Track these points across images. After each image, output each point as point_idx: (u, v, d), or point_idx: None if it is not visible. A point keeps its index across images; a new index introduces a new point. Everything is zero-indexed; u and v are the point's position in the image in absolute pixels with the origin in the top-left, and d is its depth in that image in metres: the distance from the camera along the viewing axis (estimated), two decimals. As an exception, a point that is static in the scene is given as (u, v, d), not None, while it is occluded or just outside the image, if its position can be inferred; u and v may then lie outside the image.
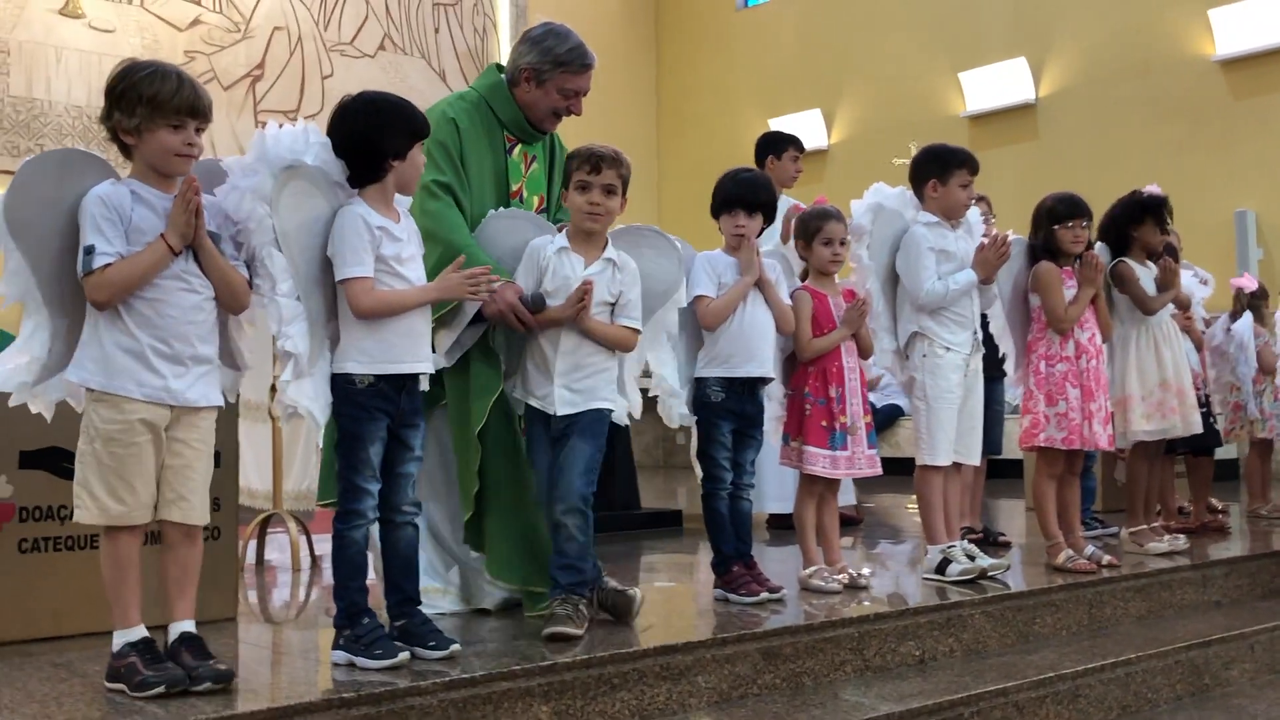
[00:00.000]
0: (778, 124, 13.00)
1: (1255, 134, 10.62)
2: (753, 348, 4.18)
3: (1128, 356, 5.22)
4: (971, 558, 4.51)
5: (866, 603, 4.17)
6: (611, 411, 3.75)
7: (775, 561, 5.01)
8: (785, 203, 6.42)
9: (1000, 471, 10.21)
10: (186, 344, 3.00)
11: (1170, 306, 5.43)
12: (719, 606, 4.11)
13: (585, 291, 3.62)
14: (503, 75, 4.17)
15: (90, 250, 2.89)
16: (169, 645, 2.99)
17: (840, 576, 4.33)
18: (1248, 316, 6.48)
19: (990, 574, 4.50)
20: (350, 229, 3.22)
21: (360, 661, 3.13)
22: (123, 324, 2.94)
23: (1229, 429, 6.65)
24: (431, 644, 3.24)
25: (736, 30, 14.78)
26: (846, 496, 6.70)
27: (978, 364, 4.68)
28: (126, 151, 3.07)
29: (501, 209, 3.97)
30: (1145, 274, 5.31)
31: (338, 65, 12.97)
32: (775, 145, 6.78)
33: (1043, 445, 4.84)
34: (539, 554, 3.78)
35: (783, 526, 6.10)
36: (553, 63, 4.02)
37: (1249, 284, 5.23)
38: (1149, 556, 5.15)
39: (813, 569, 4.36)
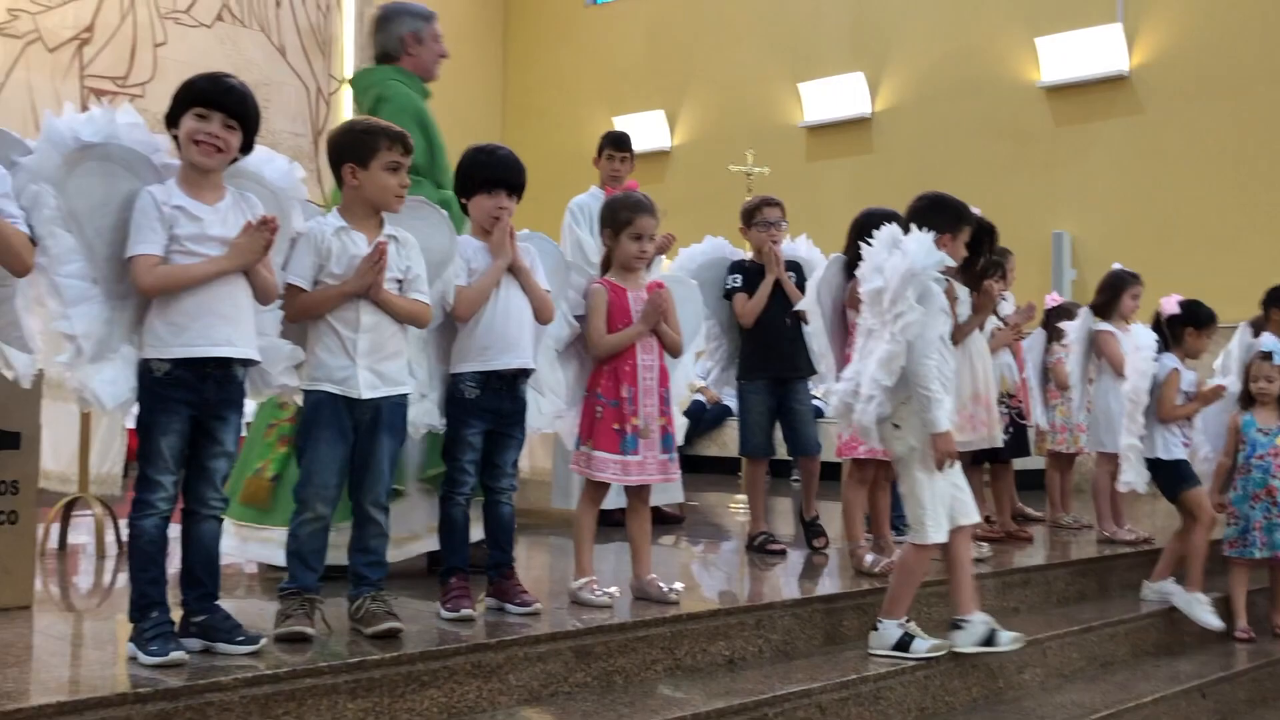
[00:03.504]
0: (621, 122, 13.07)
1: (1074, 159, 11.11)
2: (511, 338, 3.84)
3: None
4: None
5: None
6: (408, 398, 3.61)
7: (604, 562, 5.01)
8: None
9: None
10: None
11: (994, 321, 5.64)
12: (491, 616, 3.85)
13: (382, 252, 3.43)
14: (384, 64, 4.77)
15: None
16: None
17: (613, 590, 4.08)
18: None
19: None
20: (139, 208, 3.12)
21: (140, 656, 3.03)
22: None
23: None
24: (238, 639, 3.16)
25: (585, 26, 14.80)
26: (673, 494, 6.76)
27: None
28: None
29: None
30: (964, 295, 5.49)
31: (172, 34, 12.53)
32: (601, 145, 6.66)
33: (864, 457, 4.96)
34: None
35: (611, 523, 6.06)
36: (424, 18, 4.81)
37: (1170, 306, 5.44)
38: (954, 563, 5.34)
39: (584, 580, 4.08)
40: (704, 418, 11.61)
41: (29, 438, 3.83)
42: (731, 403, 11.20)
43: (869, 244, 4.87)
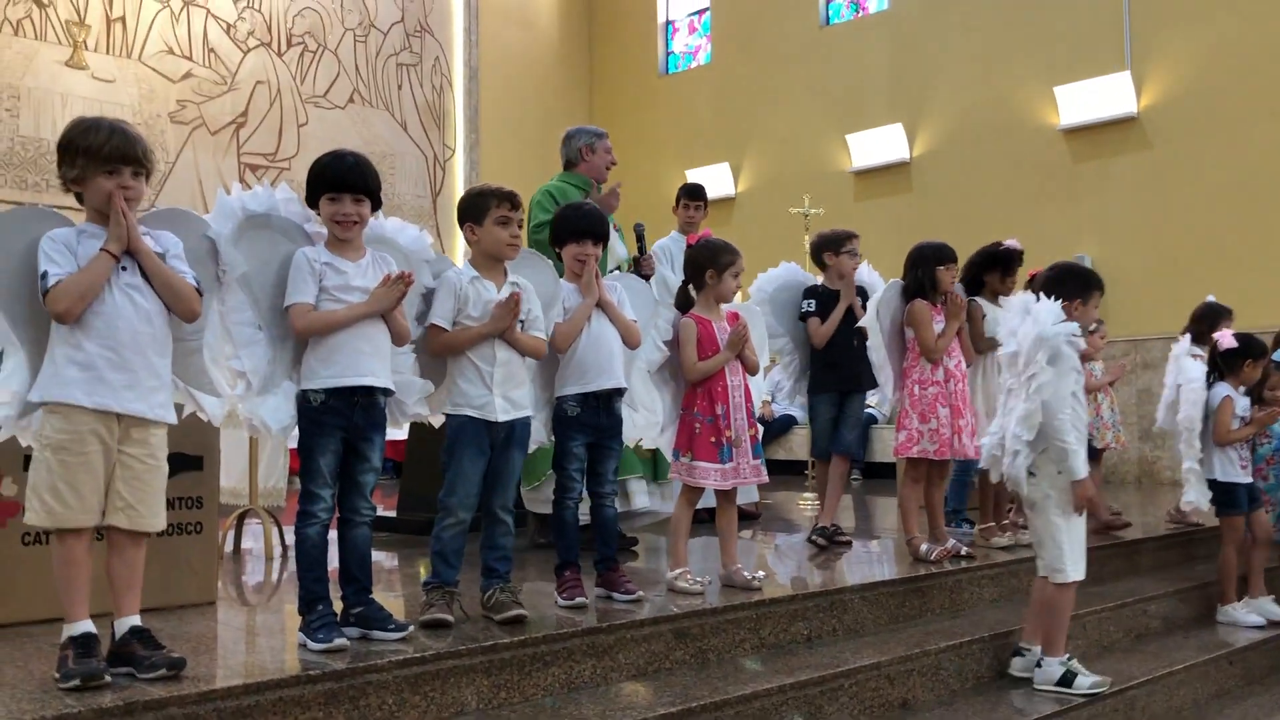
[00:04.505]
0: (693, 174, 13.06)
1: (1091, 192, 10.90)
2: (603, 363, 3.88)
3: (975, 378, 5.30)
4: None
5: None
6: (531, 418, 3.67)
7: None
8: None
9: (876, 473, 10.35)
10: (138, 354, 2.84)
11: None
12: (601, 604, 3.84)
13: (516, 300, 3.52)
14: (566, 170, 5.66)
15: (44, 275, 2.78)
16: (119, 639, 2.83)
17: (704, 579, 4.07)
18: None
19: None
20: (294, 265, 3.24)
21: (308, 643, 3.09)
22: (75, 338, 2.78)
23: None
24: (390, 627, 3.21)
25: (659, 93, 14.85)
26: (749, 494, 6.71)
27: None
28: (81, 199, 2.93)
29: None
30: (996, 313, 5.40)
31: (312, 115, 12.80)
32: (679, 195, 6.77)
33: (916, 456, 4.90)
34: None
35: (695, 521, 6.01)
36: (597, 135, 5.64)
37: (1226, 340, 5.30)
38: (996, 550, 5.24)
39: (679, 571, 4.07)
40: (771, 427, 11.55)
41: (210, 460, 3.93)
42: (797, 413, 11.16)
43: (941, 269, 4.85)
